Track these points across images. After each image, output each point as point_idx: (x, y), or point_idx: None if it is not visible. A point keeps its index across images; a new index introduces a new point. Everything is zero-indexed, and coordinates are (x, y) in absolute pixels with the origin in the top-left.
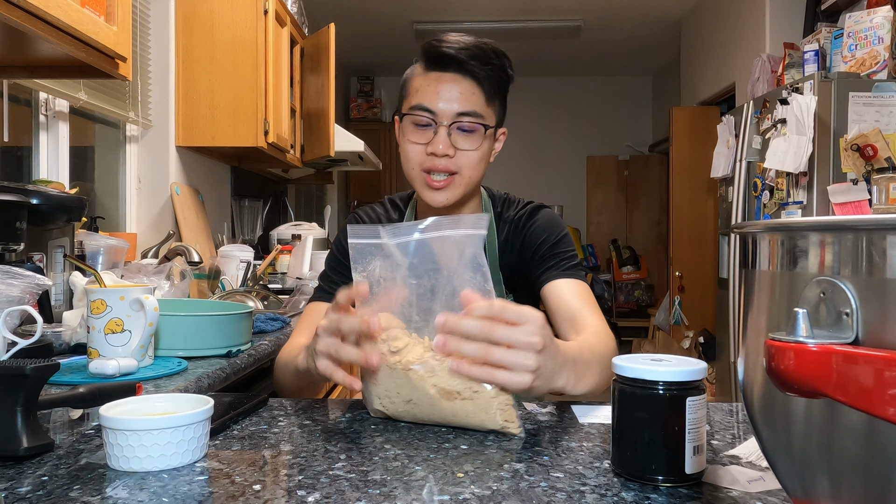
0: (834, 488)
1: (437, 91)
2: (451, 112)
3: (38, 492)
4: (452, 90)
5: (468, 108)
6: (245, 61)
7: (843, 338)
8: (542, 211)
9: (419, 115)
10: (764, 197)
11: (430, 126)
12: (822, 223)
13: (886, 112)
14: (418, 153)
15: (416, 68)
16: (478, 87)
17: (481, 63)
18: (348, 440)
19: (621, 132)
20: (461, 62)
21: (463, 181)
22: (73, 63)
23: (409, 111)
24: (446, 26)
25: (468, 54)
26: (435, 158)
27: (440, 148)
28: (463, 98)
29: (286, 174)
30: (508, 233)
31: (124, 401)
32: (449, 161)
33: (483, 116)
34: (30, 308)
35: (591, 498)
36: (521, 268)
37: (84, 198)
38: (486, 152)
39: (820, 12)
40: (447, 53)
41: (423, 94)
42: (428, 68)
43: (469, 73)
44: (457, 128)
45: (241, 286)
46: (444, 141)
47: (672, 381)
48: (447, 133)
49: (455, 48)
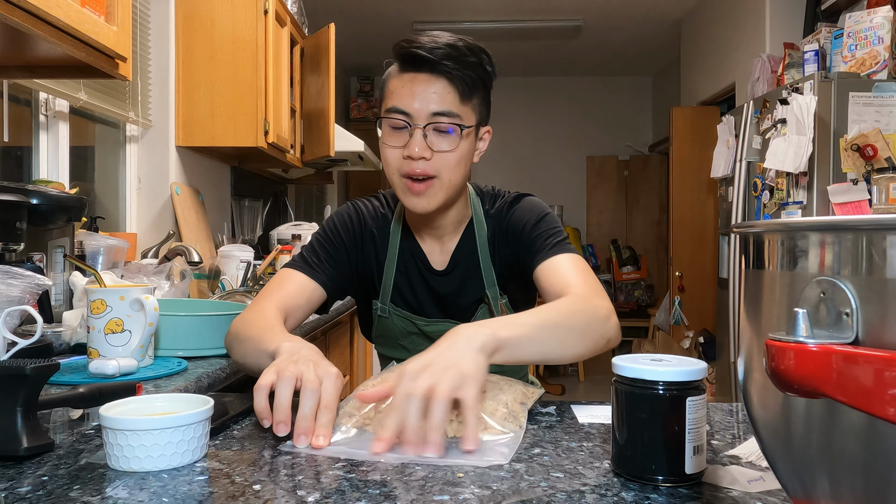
0: (834, 488)
1: (412, 92)
2: (426, 113)
3: (38, 492)
4: (426, 91)
5: (443, 108)
6: (245, 61)
7: (843, 338)
8: (524, 199)
9: (394, 118)
10: (764, 197)
11: (406, 128)
12: (822, 223)
13: (886, 112)
14: (396, 157)
15: (392, 70)
16: (452, 87)
17: (455, 62)
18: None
19: (621, 132)
20: (434, 62)
21: (443, 185)
22: (73, 63)
23: (385, 114)
24: (446, 26)
25: (441, 54)
26: (412, 162)
27: (416, 150)
28: (437, 98)
29: (286, 174)
30: (494, 227)
31: (124, 401)
32: (426, 164)
33: (459, 116)
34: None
35: (591, 498)
36: (511, 261)
37: (84, 198)
38: (466, 153)
39: (820, 12)
40: (419, 54)
41: (397, 97)
42: (402, 69)
43: (443, 72)
44: (432, 129)
45: (241, 286)
46: (420, 143)
47: (672, 381)
48: (423, 135)
49: (427, 48)
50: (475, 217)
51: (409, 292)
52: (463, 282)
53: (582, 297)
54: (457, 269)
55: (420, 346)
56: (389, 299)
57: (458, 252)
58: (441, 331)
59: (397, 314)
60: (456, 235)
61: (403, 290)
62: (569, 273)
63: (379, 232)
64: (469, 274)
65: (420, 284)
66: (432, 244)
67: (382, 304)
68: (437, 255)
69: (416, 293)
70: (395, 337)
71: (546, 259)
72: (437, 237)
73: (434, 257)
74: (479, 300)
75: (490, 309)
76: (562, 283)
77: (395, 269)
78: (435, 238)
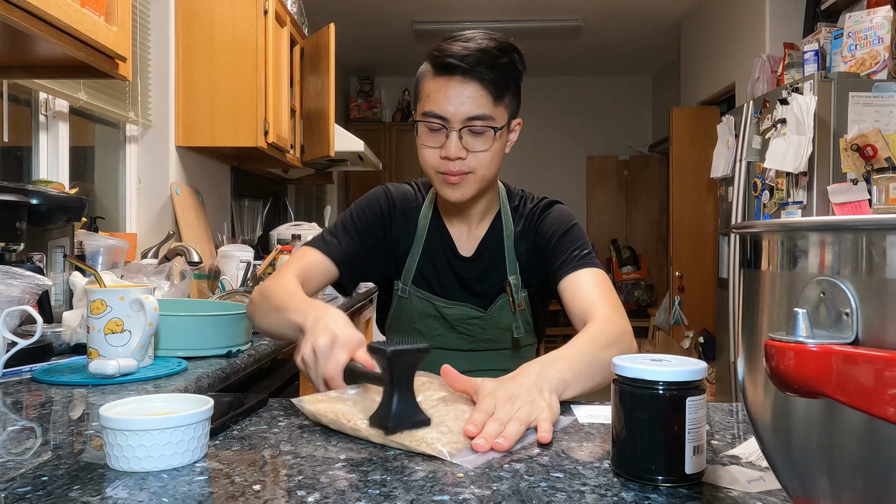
0: (834, 488)
1: (447, 97)
2: (461, 117)
3: (38, 492)
4: (460, 95)
5: (477, 112)
6: (245, 61)
7: (843, 338)
8: (555, 206)
9: (431, 122)
10: (764, 197)
11: (442, 130)
12: (822, 223)
13: (886, 112)
14: (433, 157)
15: (426, 70)
16: (485, 91)
17: (487, 67)
18: (348, 440)
19: (621, 132)
20: (467, 69)
21: (477, 178)
22: (72, 63)
23: (422, 117)
24: (446, 26)
25: (473, 60)
26: (449, 162)
27: (452, 152)
28: (471, 102)
29: (286, 174)
30: (524, 226)
31: (124, 401)
32: (462, 163)
33: (493, 118)
34: (30, 308)
35: (591, 498)
36: (535, 263)
37: (84, 198)
38: (499, 150)
39: (820, 12)
40: (451, 63)
41: (433, 101)
42: (436, 73)
43: (476, 77)
44: (467, 131)
45: (241, 286)
46: (456, 145)
47: (672, 381)
48: (458, 136)
49: (459, 56)
50: (503, 210)
51: (433, 275)
52: (487, 269)
53: (611, 324)
54: (483, 256)
55: (435, 330)
56: (412, 280)
57: (486, 241)
58: (460, 314)
59: (417, 295)
60: (484, 224)
61: (427, 272)
62: (593, 292)
63: (410, 214)
64: (494, 263)
65: (444, 268)
66: (460, 230)
67: (404, 284)
68: (464, 242)
69: (440, 276)
70: (411, 319)
71: (570, 273)
72: (466, 224)
73: (461, 243)
74: (500, 289)
75: (511, 299)
76: (587, 302)
77: (420, 251)
78: (464, 224)
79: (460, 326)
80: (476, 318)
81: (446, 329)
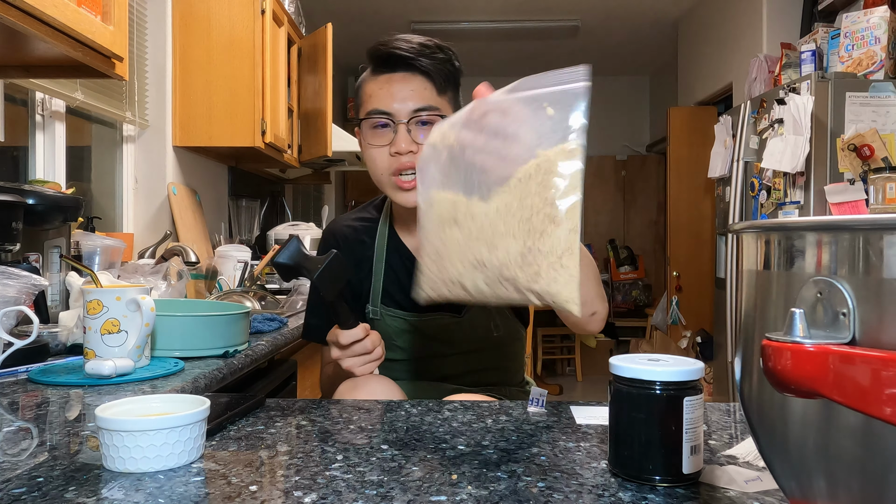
0: (831, 488)
1: (391, 93)
2: (407, 109)
3: (34, 493)
4: (404, 90)
5: (423, 104)
6: (242, 61)
7: (840, 338)
8: None
9: (376, 118)
10: (761, 197)
11: (389, 126)
12: (819, 223)
13: (883, 112)
14: (383, 156)
15: (366, 74)
16: (429, 82)
17: (428, 58)
18: (345, 441)
19: (619, 132)
20: (409, 60)
21: None
22: (69, 63)
23: (367, 116)
24: (444, 26)
25: (414, 51)
26: (400, 157)
27: (403, 146)
28: (416, 95)
29: (283, 174)
30: None
31: (121, 401)
32: (414, 157)
33: (438, 108)
34: (26, 308)
35: (589, 498)
36: None
37: (80, 198)
38: None
39: (817, 12)
40: (394, 53)
41: (376, 98)
42: (377, 71)
43: (418, 69)
44: (416, 122)
45: (238, 286)
46: (406, 138)
47: (669, 381)
48: (406, 130)
49: (402, 47)
50: None
51: (399, 291)
52: None
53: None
54: None
55: (415, 343)
56: (381, 301)
57: None
58: (435, 324)
59: (389, 314)
60: None
61: (392, 289)
62: None
63: (362, 243)
64: None
65: (408, 282)
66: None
67: (373, 306)
68: None
69: (405, 290)
70: (388, 337)
71: None
72: None
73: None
74: None
75: None
76: None
77: (383, 270)
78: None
79: (439, 336)
80: (452, 324)
81: (426, 340)
